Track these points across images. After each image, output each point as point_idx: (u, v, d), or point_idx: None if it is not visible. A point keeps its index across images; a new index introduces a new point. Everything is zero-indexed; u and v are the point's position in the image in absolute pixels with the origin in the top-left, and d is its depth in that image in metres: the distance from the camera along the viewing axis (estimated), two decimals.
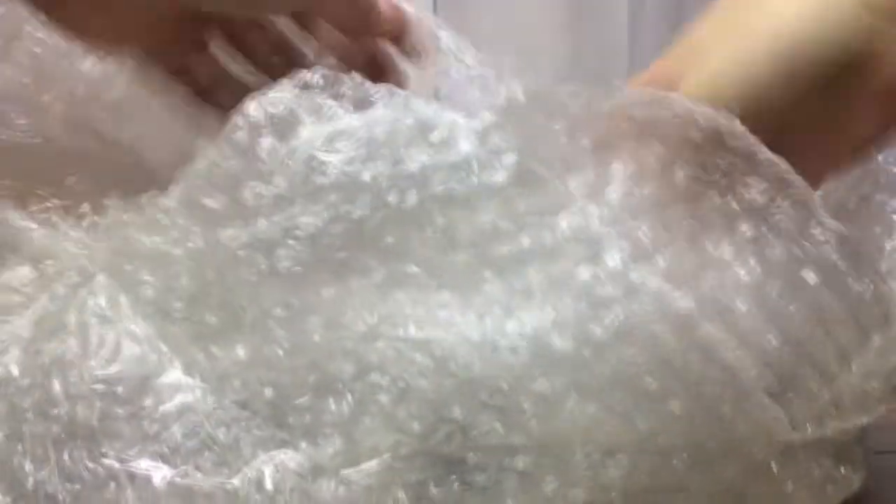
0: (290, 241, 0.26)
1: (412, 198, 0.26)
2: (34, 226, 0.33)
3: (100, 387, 0.27)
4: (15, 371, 0.28)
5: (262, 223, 0.26)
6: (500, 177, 0.26)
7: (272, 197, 0.26)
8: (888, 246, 0.30)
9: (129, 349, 0.28)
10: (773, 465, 0.29)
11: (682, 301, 0.28)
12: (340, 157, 0.26)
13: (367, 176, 0.26)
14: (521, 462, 0.28)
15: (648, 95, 0.27)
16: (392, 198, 0.26)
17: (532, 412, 0.28)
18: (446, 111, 0.27)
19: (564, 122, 0.28)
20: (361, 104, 0.27)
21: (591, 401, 0.28)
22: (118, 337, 0.28)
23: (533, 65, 0.31)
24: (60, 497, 0.26)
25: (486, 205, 0.27)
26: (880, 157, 0.31)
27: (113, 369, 0.28)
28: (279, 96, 0.27)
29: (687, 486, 0.29)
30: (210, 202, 0.27)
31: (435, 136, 0.26)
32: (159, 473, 0.27)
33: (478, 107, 0.27)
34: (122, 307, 0.29)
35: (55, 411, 0.27)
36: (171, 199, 0.28)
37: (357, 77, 0.28)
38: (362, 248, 0.26)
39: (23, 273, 0.32)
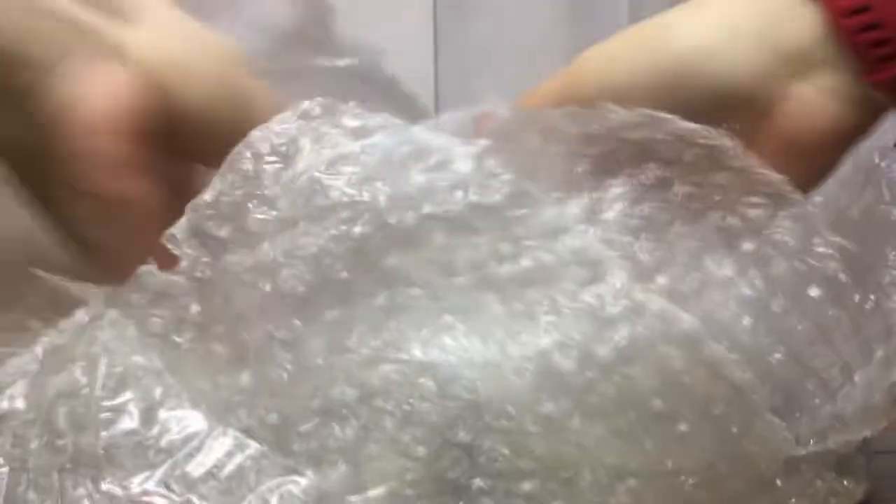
0: (294, 262, 0.26)
1: (411, 218, 0.26)
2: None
3: (105, 416, 0.27)
4: (20, 405, 0.29)
5: (265, 246, 0.26)
6: (497, 197, 0.27)
7: (276, 220, 0.26)
8: (892, 256, 0.30)
9: (135, 380, 0.29)
10: (778, 480, 0.29)
11: (687, 320, 0.29)
12: (342, 179, 0.26)
13: (367, 197, 0.26)
14: (528, 486, 0.28)
15: (641, 116, 0.28)
16: (392, 219, 0.26)
17: (538, 434, 0.28)
18: (443, 137, 0.28)
19: (560, 144, 0.29)
20: (360, 133, 0.28)
21: (598, 422, 0.28)
22: (125, 368, 0.29)
23: (533, 65, 0.32)
24: None
25: (484, 226, 0.27)
26: (884, 165, 0.31)
27: (118, 400, 0.28)
28: (283, 127, 0.28)
29: None
30: (217, 231, 0.28)
31: (432, 159, 0.27)
32: (163, 502, 0.27)
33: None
34: (129, 339, 0.29)
35: (60, 442, 0.27)
36: (178, 229, 0.28)
37: (355, 106, 0.29)
38: (365, 270, 0.27)
39: (36, 310, 0.32)
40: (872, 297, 0.30)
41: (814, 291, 0.29)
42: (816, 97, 0.29)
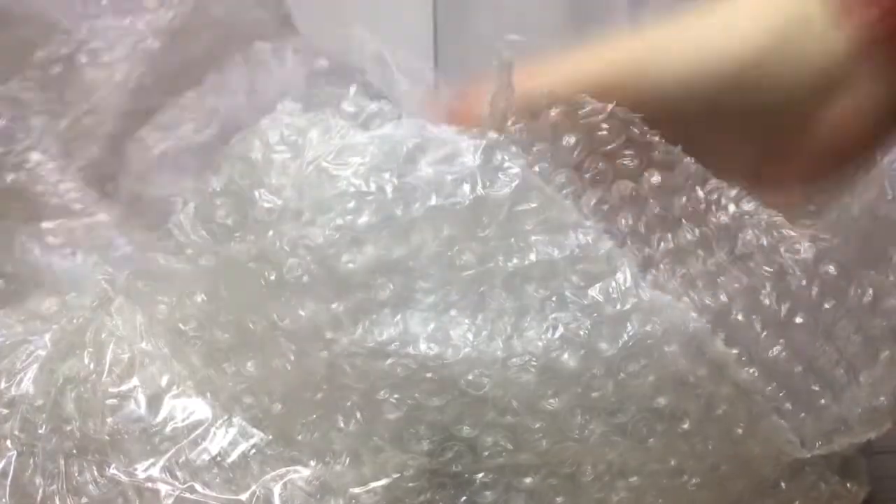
0: (299, 252, 0.26)
1: (417, 210, 0.26)
2: (55, 256, 0.34)
3: (112, 402, 0.28)
4: (30, 389, 0.29)
5: (271, 235, 0.26)
6: (505, 191, 0.27)
7: (281, 209, 0.26)
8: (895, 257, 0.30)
9: (142, 367, 0.29)
10: (782, 483, 0.29)
11: (694, 318, 0.28)
12: (349, 169, 0.26)
13: (374, 187, 0.26)
14: (529, 481, 0.28)
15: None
16: (398, 210, 0.26)
17: (541, 430, 0.28)
18: (452, 132, 0.28)
19: (573, 136, 0.28)
20: (370, 124, 0.28)
21: (601, 419, 0.28)
22: (132, 355, 0.29)
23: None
24: None
25: (492, 220, 0.27)
26: (886, 162, 0.31)
27: (125, 386, 0.28)
28: (292, 117, 0.28)
29: None
30: (223, 219, 0.28)
31: (441, 152, 0.27)
32: (167, 489, 0.27)
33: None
34: (137, 326, 0.29)
35: (67, 427, 0.28)
36: (185, 216, 0.28)
37: (364, 96, 0.29)
38: (371, 263, 0.27)
39: (48, 301, 0.33)
40: (870, 290, 0.30)
41: (802, 288, 0.29)
42: (855, 109, 0.29)
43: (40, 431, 0.28)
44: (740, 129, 0.29)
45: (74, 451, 0.27)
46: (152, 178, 0.39)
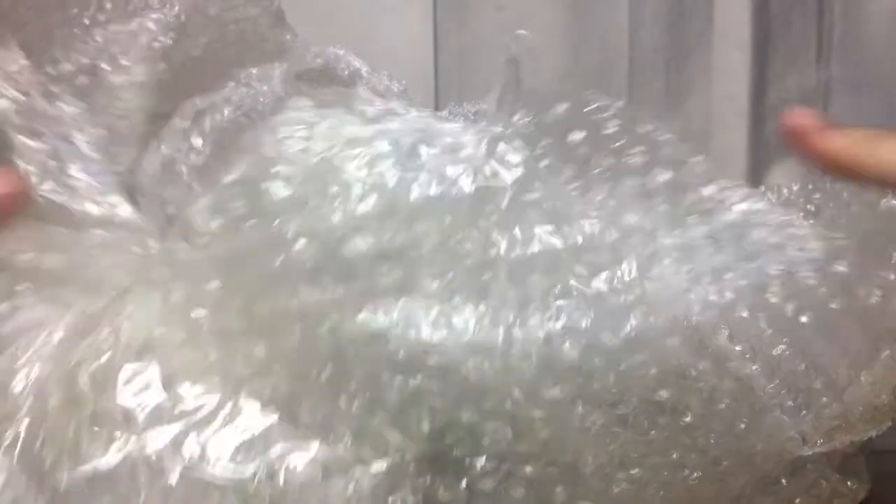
0: (304, 237, 0.27)
1: (420, 198, 0.27)
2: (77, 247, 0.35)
3: (125, 378, 0.29)
4: (46, 367, 0.30)
5: (278, 222, 0.27)
6: (508, 181, 0.27)
7: (289, 198, 0.27)
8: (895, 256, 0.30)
9: (155, 351, 0.30)
10: (783, 480, 0.29)
11: (697, 311, 0.28)
12: (354, 160, 0.27)
13: (377, 176, 0.27)
14: (529, 470, 0.28)
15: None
16: (400, 198, 0.27)
17: (542, 419, 0.28)
18: (455, 124, 0.29)
19: (581, 132, 0.29)
20: (377, 119, 0.29)
21: (602, 410, 0.28)
22: (146, 339, 0.30)
23: (533, 65, 0.32)
24: (76, 487, 0.27)
25: (494, 209, 0.28)
26: None
27: (139, 365, 0.29)
28: (302, 112, 0.29)
29: (697, 500, 0.28)
30: (237, 210, 0.29)
31: (443, 143, 0.28)
32: (174, 466, 0.28)
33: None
34: (154, 311, 0.30)
35: (79, 400, 0.28)
36: (200, 207, 0.29)
37: (371, 94, 0.29)
38: (375, 249, 0.27)
39: (68, 287, 0.34)
40: (878, 292, 0.30)
41: (810, 283, 0.29)
42: None
43: (52, 402, 0.29)
44: None
45: (85, 424, 0.28)
46: (162, 190, 0.41)
